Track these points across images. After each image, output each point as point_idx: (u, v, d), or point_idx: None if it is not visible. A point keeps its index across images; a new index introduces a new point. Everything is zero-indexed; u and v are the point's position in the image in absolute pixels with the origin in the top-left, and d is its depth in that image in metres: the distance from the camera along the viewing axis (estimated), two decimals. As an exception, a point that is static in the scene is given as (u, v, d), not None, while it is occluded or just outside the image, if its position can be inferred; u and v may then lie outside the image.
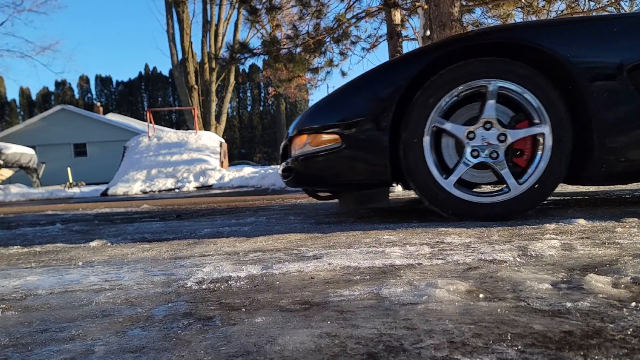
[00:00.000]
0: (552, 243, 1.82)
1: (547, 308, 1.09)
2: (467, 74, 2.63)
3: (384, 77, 2.74)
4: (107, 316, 1.22)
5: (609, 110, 2.51)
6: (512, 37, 2.61)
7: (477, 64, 2.63)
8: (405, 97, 2.69)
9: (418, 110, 2.66)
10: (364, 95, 2.76)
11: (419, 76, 2.68)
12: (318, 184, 2.97)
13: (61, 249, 2.46)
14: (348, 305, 1.20)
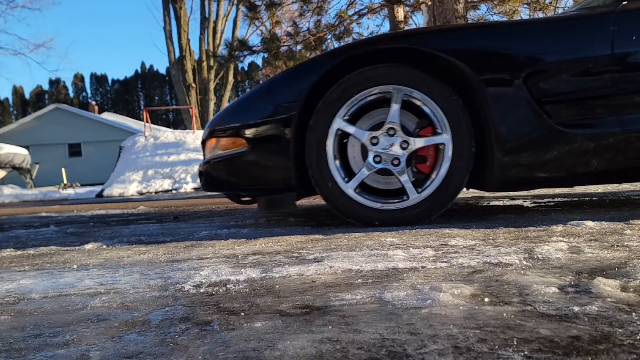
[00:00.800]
0: (559, 245, 1.82)
1: (554, 312, 1.09)
2: (371, 79, 2.70)
3: (288, 81, 2.82)
4: (103, 321, 1.23)
5: (506, 117, 2.58)
6: (414, 43, 2.68)
7: (380, 69, 2.70)
8: (312, 101, 2.75)
9: (322, 113, 2.72)
10: (269, 99, 2.84)
11: (324, 80, 2.74)
12: (228, 188, 3.05)
13: (55, 252, 2.47)
14: (350, 309, 1.20)
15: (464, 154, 2.63)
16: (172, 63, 27.58)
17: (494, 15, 12.25)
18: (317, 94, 2.76)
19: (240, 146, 2.86)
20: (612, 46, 2.56)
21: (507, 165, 2.59)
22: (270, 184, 2.85)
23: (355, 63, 2.74)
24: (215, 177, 3.01)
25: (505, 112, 2.57)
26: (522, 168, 2.61)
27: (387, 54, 2.74)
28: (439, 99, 2.64)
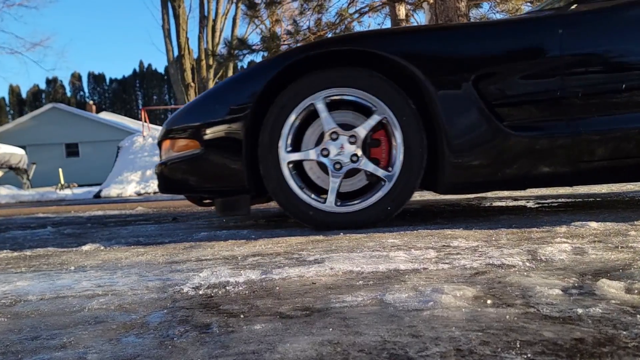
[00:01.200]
0: (563, 247, 1.82)
1: (557, 314, 1.09)
2: (321, 81, 2.72)
3: (242, 82, 2.85)
4: (100, 323, 1.23)
5: (456, 120, 2.61)
6: (366, 46, 2.70)
7: (330, 72, 2.73)
8: (266, 102, 2.79)
9: (276, 115, 2.75)
10: (223, 101, 2.87)
11: (277, 81, 2.77)
12: (184, 191, 3.07)
13: (52, 253, 2.47)
14: (351, 311, 1.20)
15: (415, 155, 2.66)
16: (171, 62, 27.59)
17: (497, 14, 12.25)
18: (273, 94, 2.79)
19: (194, 148, 2.90)
20: (561, 49, 2.59)
21: (458, 168, 2.63)
22: (224, 187, 2.88)
23: (310, 64, 2.77)
24: (171, 179, 3.04)
25: (455, 114, 2.61)
26: (472, 171, 2.65)
27: (343, 56, 2.76)
28: (389, 101, 2.67)
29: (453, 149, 2.61)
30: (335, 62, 2.78)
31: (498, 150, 2.60)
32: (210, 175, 2.89)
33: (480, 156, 2.62)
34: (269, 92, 2.78)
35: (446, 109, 2.60)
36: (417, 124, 2.65)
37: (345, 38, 2.83)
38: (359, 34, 2.92)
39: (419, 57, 2.67)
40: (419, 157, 2.66)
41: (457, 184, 2.69)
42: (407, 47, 2.72)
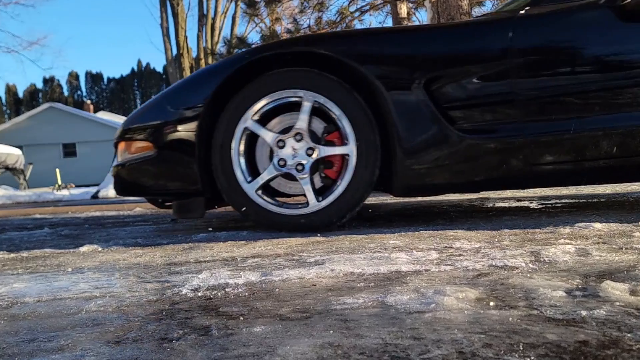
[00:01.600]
0: (567, 248, 1.82)
1: (561, 317, 1.09)
2: (276, 82, 2.76)
3: (195, 83, 2.89)
4: (98, 325, 1.23)
5: (408, 123, 2.63)
6: (321, 47, 2.73)
7: (285, 73, 2.77)
8: (220, 103, 2.81)
9: (229, 114, 2.77)
10: (176, 102, 2.91)
11: (232, 81, 2.79)
12: (140, 193, 3.10)
13: (49, 255, 2.47)
14: (351, 313, 1.20)
15: (369, 160, 2.68)
16: (169, 61, 27.59)
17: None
18: (226, 95, 2.82)
19: (148, 149, 2.92)
20: (510, 52, 2.62)
21: (410, 171, 2.66)
22: (178, 189, 2.91)
23: (266, 65, 2.80)
24: (127, 181, 3.06)
25: (406, 117, 2.63)
26: (424, 174, 2.68)
27: (298, 58, 2.79)
28: (342, 103, 2.69)
29: (405, 151, 2.64)
30: (290, 65, 2.80)
31: (450, 154, 2.63)
32: (164, 177, 2.93)
33: (432, 159, 2.65)
34: (223, 94, 2.81)
35: (398, 111, 2.63)
36: (369, 123, 2.68)
37: (300, 40, 2.89)
38: (312, 36, 2.97)
39: (371, 59, 2.71)
40: (372, 162, 2.68)
41: (410, 187, 2.72)
42: (360, 49, 2.76)
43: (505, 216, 3.03)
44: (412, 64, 2.70)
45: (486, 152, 2.62)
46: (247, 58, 2.77)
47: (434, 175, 2.68)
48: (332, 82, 2.71)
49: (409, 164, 2.64)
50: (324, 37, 2.87)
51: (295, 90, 2.74)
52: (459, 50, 2.73)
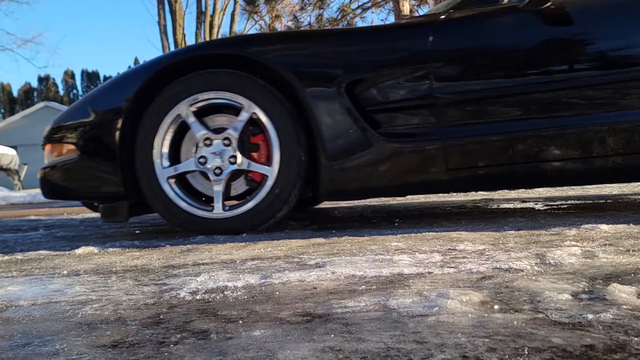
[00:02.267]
0: (573, 250, 1.82)
1: (567, 320, 1.09)
2: (197, 85, 2.79)
3: (119, 86, 2.93)
4: (94, 329, 1.23)
5: (331, 127, 2.67)
6: (242, 50, 2.78)
7: (205, 75, 2.80)
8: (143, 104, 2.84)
9: (156, 106, 2.81)
10: (99, 104, 2.96)
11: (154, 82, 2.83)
12: (66, 197, 3.14)
13: (45, 257, 2.47)
14: (353, 317, 1.20)
15: (292, 164, 2.71)
16: (167, 59, 27.54)
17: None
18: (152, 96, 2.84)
19: (72, 152, 2.96)
20: (430, 56, 2.66)
21: (334, 174, 2.70)
22: (102, 193, 2.96)
23: (188, 67, 2.82)
24: (54, 184, 3.10)
25: (329, 120, 2.67)
26: (348, 178, 2.72)
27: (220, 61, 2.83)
28: (265, 106, 2.72)
29: (328, 155, 2.67)
30: (213, 67, 2.83)
31: (373, 158, 2.67)
32: (89, 180, 2.96)
33: (355, 163, 2.69)
34: (145, 96, 2.83)
35: (321, 115, 2.67)
36: (292, 126, 2.71)
37: (221, 42, 2.96)
38: (235, 38, 3.05)
39: (294, 62, 2.76)
40: (296, 158, 2.71)
41: (334, 190, 2.77)
42: (283, 52, 2.81)
43: (509, 217, 3.03)
44: (334, 67, 2.75)
45: (408, 156, 2.67)
46: (164, 62, 2.82)
47: (358, 179, 2.73)
48: (253, 84, 2.75)
49: (332, 167, 2.69)
50: (244, 39, 2.93)
51: (217, 93, 2.78)
52: (381, 54, 2.78)
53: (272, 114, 2.71)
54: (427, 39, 2.67)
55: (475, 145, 2.65)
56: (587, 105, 2.60)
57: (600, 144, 2.56)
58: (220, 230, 2.78)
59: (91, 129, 2.91)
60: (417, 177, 2.70)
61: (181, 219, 2.82)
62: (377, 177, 2.71)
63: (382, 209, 4.24)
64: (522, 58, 2.70)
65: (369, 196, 2.89)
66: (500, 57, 2.72)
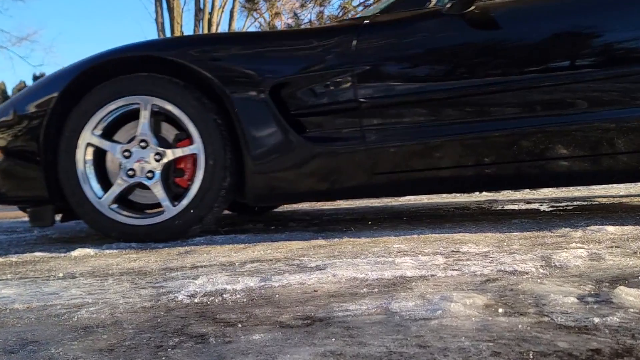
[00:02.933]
0: (579, 252, 1.82)
1: (572, 324, 1.09)
2: (118, 90, 2.78)
3: (43, 88, 2.92)
4: (90, 333, 1.23)
5: (255, 131, 2.69)
6: (163, 52, 2.79)
7: (126, 80, 2.80)
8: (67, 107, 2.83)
9: (72, 123, 2.80)
10: (23, 106, 2.94)
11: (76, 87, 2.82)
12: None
13: (40, 259, 2.47)
14: (354, 320, 1.20)
15: (217, 168, 2.71)
16: (165, 57, 27.56)
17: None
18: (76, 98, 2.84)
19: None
20: (354, 59, 2.68)
21: (259, 179, 2.72)
22: (28, 196, 2.97)
23: (110, 70, 2.83)
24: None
25: (254, 124, 2.68)
26: (274, 182, 2.75)
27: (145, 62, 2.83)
28: (188, 109, 2.72)
29: (254, 159, 2.68)
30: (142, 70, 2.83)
31: (298, 162, 2.70)
32: (14, 184, 2.97)
33: (280, 167, 2.72)
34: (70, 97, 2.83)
35: (245, 118, 2.68)
36: (220, 136, 2.71)
37: (146, 45, 2.92)
38: (160, 41, 3.02)
39: (217, 64, 2.78)
40: (220, 170, 2.71)
41: (261, 195, 2.79)
42: (205, 54, 2.81)
43: (514, 219, 3.03)
44: (258, 70, 2.76)
45: (334, 160, 2.70)
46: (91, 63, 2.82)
47: (284, 183, 2.75)
48: (174, 86, 2.75)
49: (258, 171, 2.70)
50: (171, 42, 2.92)
51: (134, 97, 2.77)
52: (306, 57, 2.81)
53: (195, 118, 2.71)
54: (351, 42, 2.69)
55: (399, 150, 2.68)
56: (514, 110, 2.63)
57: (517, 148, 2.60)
58: (147, 236, 2.79)
59: (15, 131, 2.92)
60: (344, 181, 2.73)
61: (125, 232, 2.82)
62: (303, 181, 2.74)
63: (384, 210, 4.24)
64: (445, 62, 2.73)
65: (297, 201, 2.93)
66: (423, 61, 2.75)
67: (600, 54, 2.64)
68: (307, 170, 2.71)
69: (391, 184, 2.75)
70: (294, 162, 2.70)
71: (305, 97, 2.73)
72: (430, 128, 2.66)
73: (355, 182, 2.72)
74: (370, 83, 2.70)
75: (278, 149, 2.69)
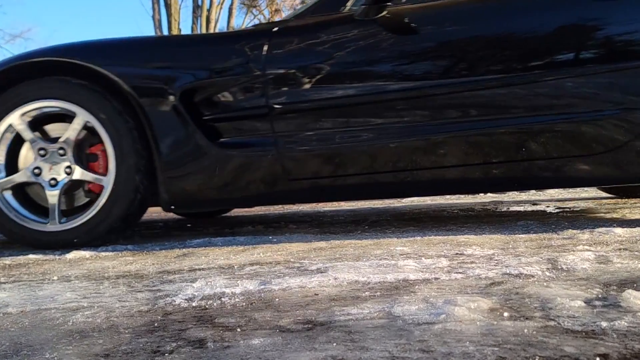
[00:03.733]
0: (586, 255, 1.82)
1: (579, 328, 1.09)
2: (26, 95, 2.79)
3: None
4: (86, 337, 1.23)
5: (166, 137, 2.70)
6: (71, 56, 2.79)
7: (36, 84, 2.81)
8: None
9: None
10: None
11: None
12: None
13: (34, 262, 2.47)
14: (356, 324, 1.20)
15: (129, 175, 2.72)
16: (162, 55, 27.55)
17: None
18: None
19: None
20: (264, 64, 2.70)
21: (171, 187, 2.73)
22: None
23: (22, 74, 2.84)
24: None
25: (164, 129, 2.69)
26: (185, 190, 2.75)
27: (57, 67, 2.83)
28: (97, 114, 2.73)
29: (164, 166, 2.69)
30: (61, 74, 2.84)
31: (209, 168, 2.70)
32: None
33: (191, 174, 2.73)
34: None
35: (157, 123, 2.68)
36: (128, 134, 2.72)
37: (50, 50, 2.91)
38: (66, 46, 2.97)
39: (127, 70, 2.78)
40: (133, 168, 2.71)
41: (173, 202, 2.78)
42: (115, 59, 2.83)
43: (520, 221, 3.03)
44: (169, 75, 2.79)
45: (247, 167, 2.72)
46: None
47: (196, 191, 2.76)
48: (90, 93, 2.76)
49: (170, 178, 2.72)
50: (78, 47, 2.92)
51: (44, 102, 2.78)
52: (217, 62, 2.80)
53: (105, 122, 2.71)
54: (262, 47, 2.71)
55: (311, 155, 2.70)
56: (422, 117, 2.64)
57: (412, 156, 2.64)
58: (53, 243, 2.78)
59: None
60: (259, 188, 2.75)
61: (12, 231, 2.83)
62: (217, 188, 2.74)
63: (386, 212, 4.24)
64: (354, 68, 2.73)
65: (213, 207, 2.94)
66: (332, 66, 2.74)
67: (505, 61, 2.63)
68: (220, 177, 2.72)
69: (307, 190, 2.77)
70: (206, 168, 2.70)
71: (218, 103, 2.76)
72: (340, 134, 2.68)
73: (270, 188, 2.74)
74: (282, 88, 2.72)
75: (189, 155, 2.71)
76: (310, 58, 2.76)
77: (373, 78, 2.72)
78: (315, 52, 2.75)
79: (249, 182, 2.74)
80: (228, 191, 2.75)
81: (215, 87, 2.74)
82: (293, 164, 2.69)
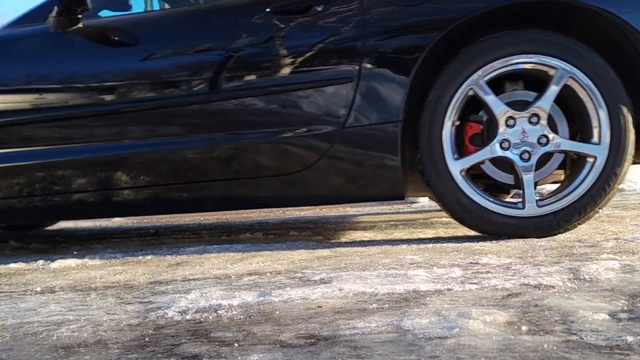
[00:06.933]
0: (610, 264, 1.82)
1: (603, 343, 1.09)
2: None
3: None
4: (71, 353, 1.23)
5: None
6: None
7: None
8: None
9: None
10: None
11: None
12: None
13: (15, 271, 2.47)
14: (363, 339, 1.20)
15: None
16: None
17: None
18: None
19: None
20: None
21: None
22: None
23: None
24: None
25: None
26: None
27: None
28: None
29: None
30: None
31: None
32: None
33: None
34: None
35: None
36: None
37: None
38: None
39: None
40: None
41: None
42: None
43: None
44: None
45: None
46: None
47: None
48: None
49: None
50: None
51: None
52: None
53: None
54: None
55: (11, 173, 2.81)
56: (112, 137, 2.77)
57: None
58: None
59: None
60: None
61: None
62: None
63: (396, 218, 4.24)
64: (37, 84, 2.83)
65: None
66: (19, 81, 2.85)
67: None
68: None
69: (8, 210, 2.90)
70: None
71: None
72: (14, 153, 2.80)
73: None
74: None
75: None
76: (3, 71, 2.85)
77: (49, 96, 2.82)
78: (8, 65, 2.86)
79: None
80: None
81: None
82: None
